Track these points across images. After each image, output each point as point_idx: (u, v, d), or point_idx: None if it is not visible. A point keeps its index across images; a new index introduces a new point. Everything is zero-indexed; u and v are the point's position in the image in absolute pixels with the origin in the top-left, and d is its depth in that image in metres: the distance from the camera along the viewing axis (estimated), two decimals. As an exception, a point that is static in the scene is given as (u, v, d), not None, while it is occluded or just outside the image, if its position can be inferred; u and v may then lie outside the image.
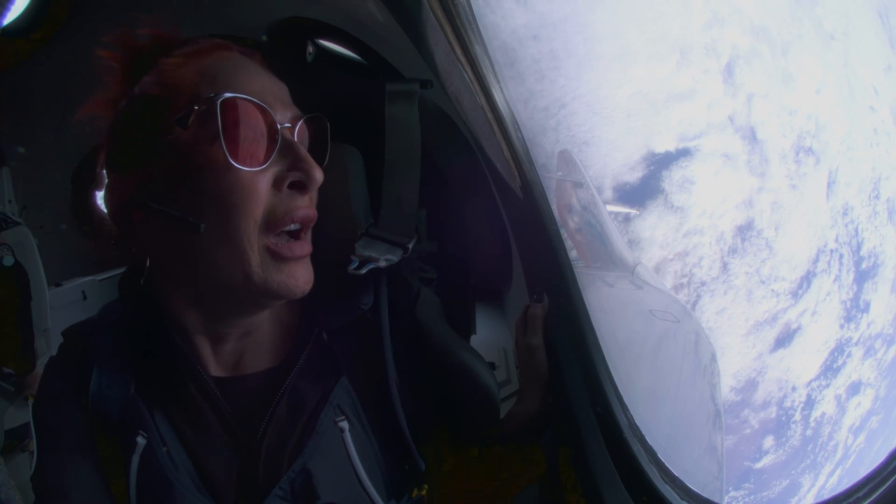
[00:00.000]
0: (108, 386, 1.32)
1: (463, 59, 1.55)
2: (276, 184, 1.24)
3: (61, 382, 1.34)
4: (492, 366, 1.60)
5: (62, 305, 1.41)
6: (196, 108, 1.19)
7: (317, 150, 1.37)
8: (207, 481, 1.30)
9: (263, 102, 1.23)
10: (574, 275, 1.67)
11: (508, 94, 1.65)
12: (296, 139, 1.28)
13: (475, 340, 1.80)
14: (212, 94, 1.19)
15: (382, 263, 1.50)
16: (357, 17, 1.64)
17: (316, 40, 1.72)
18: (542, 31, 20.82)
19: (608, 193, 21.11)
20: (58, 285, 1.44)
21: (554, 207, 1.70)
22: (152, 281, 1.32)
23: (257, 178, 1.22)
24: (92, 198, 1.38)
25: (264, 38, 1.70)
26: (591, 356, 1.65)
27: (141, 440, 1.27)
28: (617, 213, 21.10)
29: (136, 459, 1.27)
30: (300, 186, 1.27)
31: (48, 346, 1.39)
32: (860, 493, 1.30)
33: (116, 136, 1.29)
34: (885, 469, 1.30)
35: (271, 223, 1.25)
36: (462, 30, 1.52)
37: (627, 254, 10.87)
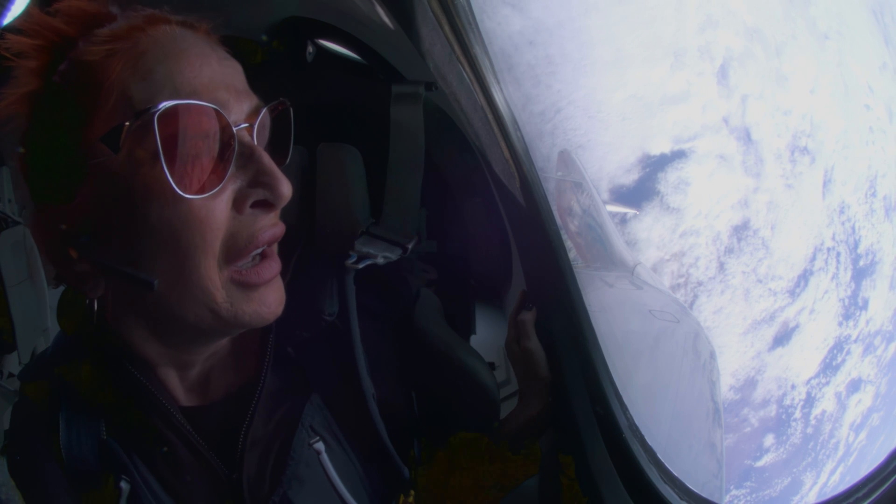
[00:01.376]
0: (78, 432, 1.18)
1: (463, 59, 1.53)
2: (237, 204, 1.05)
3: (31, 435, 1.22)
4: (492, 366, 1.58)
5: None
6: (127, 124, 0.95)
7: (279, 143, 1.18)
8: None
9: (214, 102, 1.00)
10: (574, 275, 1.65)
11: (508, 94, 1.63)
12: (255, 140, 1.06)
13: (475, 340, 1.81)
14: (147, 107, 0.95)
15: (380, 261, 1.47)
16: (357, 17, 1.62)
17: (316, 40, 1.69)
18: (537, 37, 20.94)
19: (604, 196, 21.19)
20: (58, 285, 1.42)
21: (554, 208, 1.67)
22: (102, 314, 1.16)
23: (213, 203, 1.01)
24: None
25: (264, 38, 1.66)
26: (591, 356, 1.63)
27: (125, 485, 1.16)
28: (615, 214, 21.20)
29: None
30: (265, 205, 1.07)
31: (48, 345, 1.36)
32: (860, 493, 1.28)
33: (32, 151, 1.07)
34: (885, 469, 1.28)
35: (233, 253, 1.06)
36: (462, 30, 1.50)
37: (627, 254, 10.93)
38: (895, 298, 28.05)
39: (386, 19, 1.56)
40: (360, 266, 1.43)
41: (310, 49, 1.66)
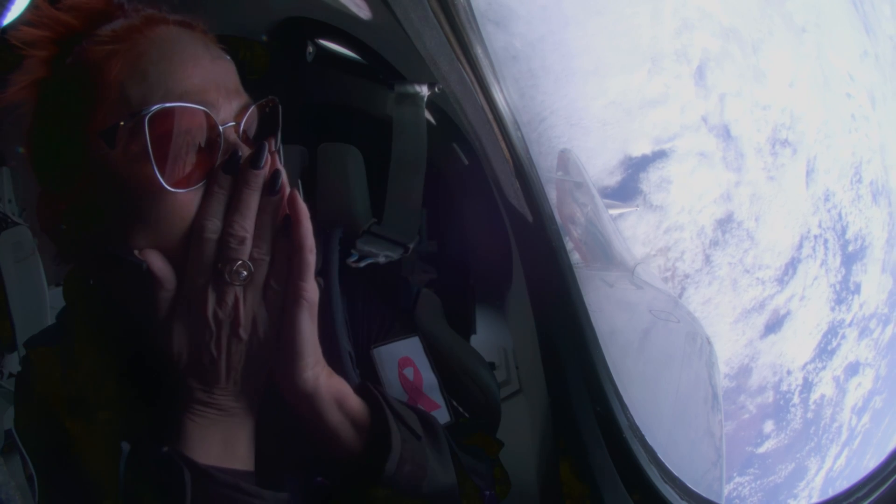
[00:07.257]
0: None
1: (463, 59, 1.52)
2: None
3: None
4: (492, 366, 1.55)
5: (62, 305, 1.31)
6: (122, 123, 1.00)
7: (266, 137, 1.17)
8: None
9: (203, 103, 1.03)
10: (574, 275, 1.64)
11: (508, 94, 1.63)
12: (243, 136, 1.08)
13: (475, 340, 1.85)
14: (139, 110, 1.00)
15: (382, 259, 1.48)
16: (357, 16, 1.65)
17: (316, 40, 1.78)
18: (520, 52, 21.27)
19: (593, 198, 21.43)
20: (58, 285, 1.38)
21: (554, 208, 1.70)
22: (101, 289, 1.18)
23: (199, 196, 1.03)
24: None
25: (264, 38, 1.76)
26: (591, 356, 1.61)
27: (125, 445, 1.11)
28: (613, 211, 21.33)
29: (122, 466, 1.12)
30: None
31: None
32: (860, 493, 1.24)
33: (38, 137, 1.11)
34: (885, 469, 1.24)
35: None
36: (462, 30, 1.49)
37: (627, 254, 10.87)
38: (888, 281, 28.29)
39: (386, 19, 1.54)
40: (362, 265, 1.46)
41: (310, 49, 1.75)
